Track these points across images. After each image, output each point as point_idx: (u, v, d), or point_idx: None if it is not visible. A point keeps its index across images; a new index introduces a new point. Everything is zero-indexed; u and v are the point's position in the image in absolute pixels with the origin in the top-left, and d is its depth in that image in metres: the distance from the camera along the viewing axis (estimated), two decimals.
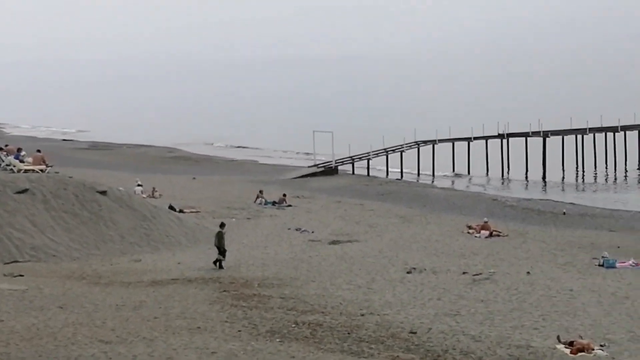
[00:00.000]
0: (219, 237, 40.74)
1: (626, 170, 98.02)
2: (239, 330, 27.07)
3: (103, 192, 47.16)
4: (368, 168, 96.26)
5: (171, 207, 56.31)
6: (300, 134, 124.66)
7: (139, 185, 65.43)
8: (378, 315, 30.66)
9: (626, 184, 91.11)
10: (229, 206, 62.46)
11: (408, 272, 39.20)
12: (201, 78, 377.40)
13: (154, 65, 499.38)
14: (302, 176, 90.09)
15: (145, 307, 29.95)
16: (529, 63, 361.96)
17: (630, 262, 41.59)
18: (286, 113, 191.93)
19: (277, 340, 26.08)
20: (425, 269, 39.94)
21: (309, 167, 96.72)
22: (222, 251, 40.47)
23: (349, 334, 27.70)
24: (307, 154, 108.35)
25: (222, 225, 42.34)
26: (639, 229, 58.05)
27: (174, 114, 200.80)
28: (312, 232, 52.34)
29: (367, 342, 26.77)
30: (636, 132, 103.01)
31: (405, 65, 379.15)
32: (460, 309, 31.93)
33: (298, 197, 69.55)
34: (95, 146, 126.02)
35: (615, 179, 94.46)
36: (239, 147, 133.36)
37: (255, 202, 64.82)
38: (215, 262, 40.20)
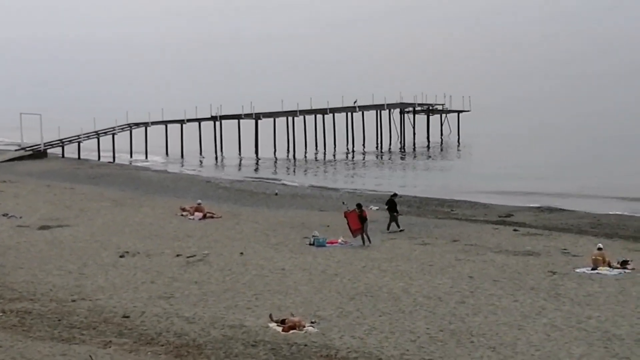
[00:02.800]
0: None
1: (335, 151, 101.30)
2: None
3: None
4: (79, 151, 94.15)
5: None
6: (6, 117, 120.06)
7: None
8: (90, 300, 29.95)
9: (335, 163, 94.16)
10: None
11: (121, 256, 38.57)
12: None
13: None
14: (8, 160, 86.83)
15: None
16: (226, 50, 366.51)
17: (340, 240, 42.83)
18: None
19: None
20: (138, 252, 39.44)
21: (15, 150, 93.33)
22: None
23: (59, 320, 26.88)
24: (16, 143, 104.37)
25: None
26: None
27: None
28: (20, 217, 50.43)
29: (78, 328, 26.08)
30: (344, 114, 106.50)
31: (112, 50, 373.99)
32: (174, 291, 31.75)
33: (4, 181, 66.90)
34: None
35: (325, 159, 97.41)
36: None
37: None
38: None
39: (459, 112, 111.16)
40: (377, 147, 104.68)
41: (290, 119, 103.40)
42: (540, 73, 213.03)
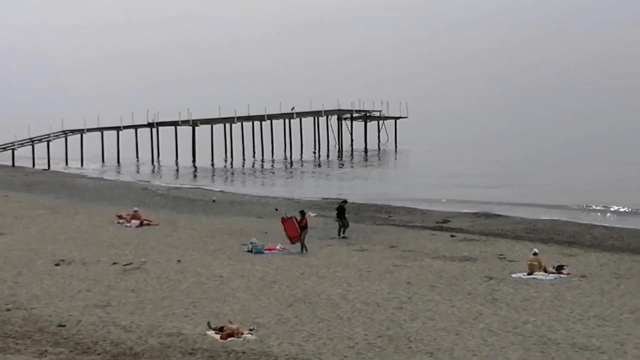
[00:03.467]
0: None
1: (273, 157, 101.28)
2: None
3: None
4: (13, 158, 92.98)
5: None
6: None
7: None
8: (25, 309, 29.54)
9: (273, 170, 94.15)
10: None
11: (56, 265, 38.12)
12: None
13: None
14: None
15: None
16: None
17: (278, 247, 42.78)
18: None
19: None
20: (74, 261, 39.01)
21: None
22: None
23: None
24: None
25: None
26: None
27: None
28: None
29: (13, 337, 25.71)
30: (282, 120, 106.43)
31: (48, 57, 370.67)
32: (110, 299, 31.46)
33: None
34: None
35: (263, 165, 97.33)
36: None
37: None
38: None
39: (396, 118, 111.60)
40: (314, 154, 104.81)
41: (227, 125, 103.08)
42: (487, 80, 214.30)
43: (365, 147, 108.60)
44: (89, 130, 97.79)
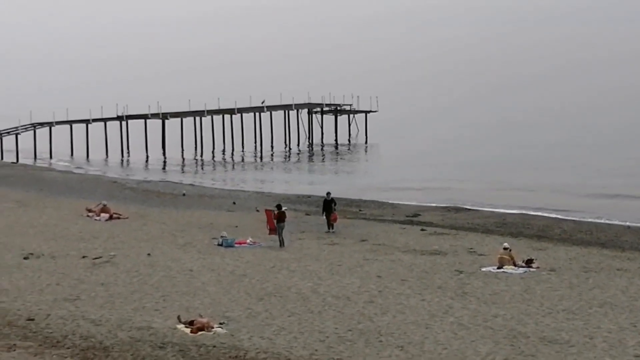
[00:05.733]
0: None
1: (243, 151, 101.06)
2: None
3: None
4: None
5: None
6: None
7: None
8: None
9: (243, 163, 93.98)
10: None
11: (25, 258, 37.86)
12: None
13: None
14: None
15: None
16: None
17: (248, 240, 42.72)
18: None
19: None
20: (43, 254, 38.76)
21: None
22: None
23: None
24: None
25: None
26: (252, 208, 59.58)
27: None
28: None
29: None
30: (252, 114, 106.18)
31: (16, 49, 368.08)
32: (80, 293, 31.29)
33: None
34: None
35: (233, 159, 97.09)
36: None
37: None
38: None
39: (366, 112, 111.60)
40: (285, 148, 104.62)
41: (197, 119, 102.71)
42: (459, 77, 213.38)
43: (336, 141, 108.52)
44: (57, 123, 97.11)
